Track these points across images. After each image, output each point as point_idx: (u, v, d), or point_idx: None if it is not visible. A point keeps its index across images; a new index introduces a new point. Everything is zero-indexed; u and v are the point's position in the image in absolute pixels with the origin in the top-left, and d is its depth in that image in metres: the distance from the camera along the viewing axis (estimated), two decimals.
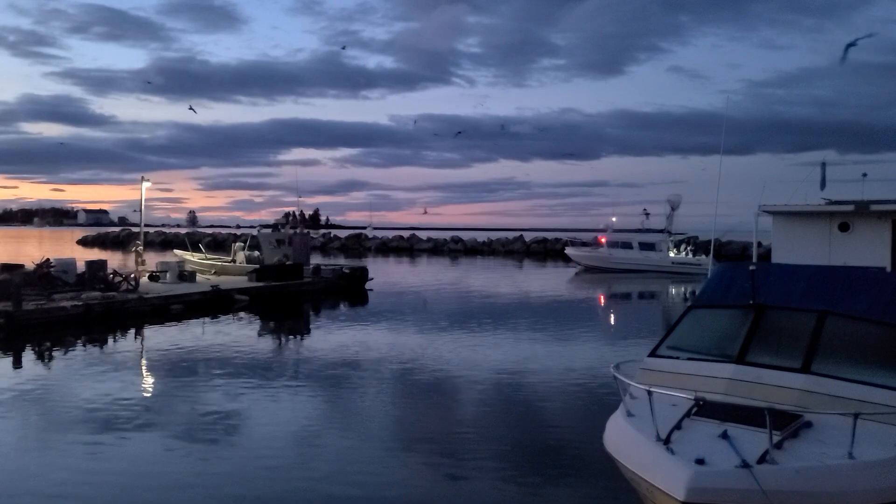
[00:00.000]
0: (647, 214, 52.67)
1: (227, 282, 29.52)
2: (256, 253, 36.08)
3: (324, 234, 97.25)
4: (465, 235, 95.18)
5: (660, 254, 46.58)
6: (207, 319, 22.85)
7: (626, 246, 47.78)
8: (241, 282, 29.84)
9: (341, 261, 52.95)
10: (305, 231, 39.18)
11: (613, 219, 54.01)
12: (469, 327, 21.66)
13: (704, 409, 5.77)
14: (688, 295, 33.94)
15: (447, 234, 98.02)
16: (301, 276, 31.47)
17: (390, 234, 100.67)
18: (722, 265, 8.39)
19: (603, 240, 50.43)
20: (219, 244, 78.18)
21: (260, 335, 20.35)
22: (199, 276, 30.74)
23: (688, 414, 5.74)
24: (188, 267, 32.19)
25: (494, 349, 17.50)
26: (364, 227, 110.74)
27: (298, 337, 20.56)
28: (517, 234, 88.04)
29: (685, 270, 44.71)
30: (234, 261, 36.10)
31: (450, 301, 29.68)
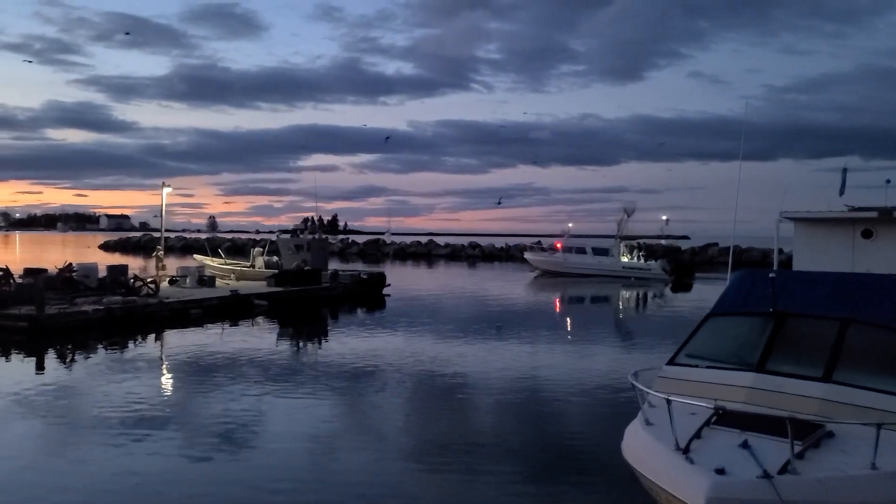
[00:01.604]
0: (667, 220, 53.43)
1: (246, 287, 29.54)
2: (275, 258, 36.09)
3: (342, 240, 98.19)
4: (482, 241, 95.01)
5: (611, 259, 47.85)
6: (226, 324, 22.94)
7: (581, 251, 49.32)
8: (260, 287, 29.84)
9: (359, 266, 52.15)
10: (324, 236, 39.42)
11: (570, 224, 57.82)
12: (486, 333, 21.59)
13: (724, 418, 5.71)
14: (640, 298, 35.71)
15: (465, 240, 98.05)
16: (319, 282, 31.52)
17: (408, 239, 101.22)
18: (742, 272, 8.31)
19: (559, 245, 51.80)
20: (238, 249, 77.78)
21: (278, 340, 20.39)
22: (218, 281, 30.84)
23: (707, 423, 5.68)
24: (208, 272, 32.27)
25: (510, 355, 17.54)
26: (382, 233, 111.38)
27: (316, 342, 20.56)
28: (535, 239, 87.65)
29: (635, 274, 46.36)
30: (253, 266, 36.16)
31: (467, 306, 29.76)
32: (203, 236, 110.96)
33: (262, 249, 37.46)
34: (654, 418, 6.11)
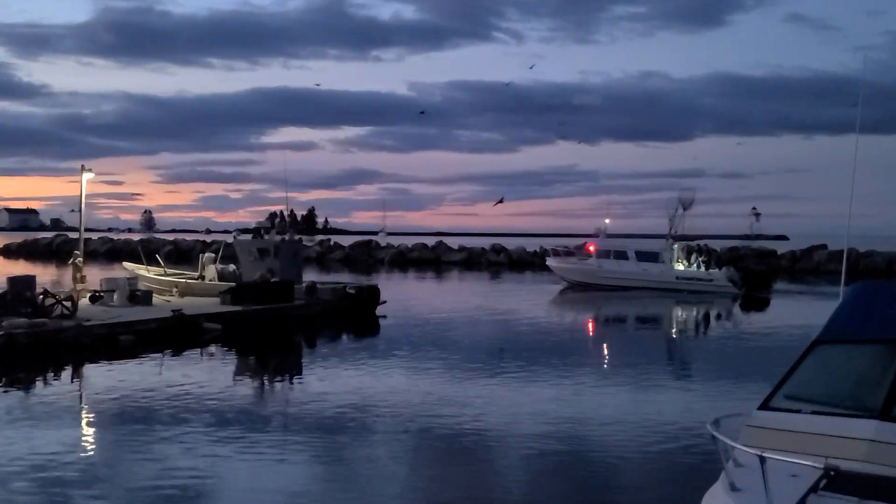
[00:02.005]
0: (758, 215, 54.01)
1: (193, 305, 29.91)
2: (232, 267, 36.44)
3: (321, 242, 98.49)
4: (509, 243, 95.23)
5: (661, 266, 48.63)
6: (167, 355, 23.38)
7: (621, 256, 50.13)
8: (212, 305, 30.24)
9: (345, 277, 53.47)
10: (297, 238, 39.53)
11: (607, 221, 57.27)
12: (513, 367, 21.95)
13: (837, 481, 5.72)
14: (700, 318, 36.73)
15: (486, 242, 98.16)
16: (291, 298, 31.68)
17: (410, 241, 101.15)
18: (859, 284, 8.29)
19: (591, 248, 52.58)
20: (183, 255, 79.55)
21: (236, 377, 20.72)
22: (156, 298, 31.16)
23: (814, 488, 5.69)
24: (142, 285, 32.61)
25: (543, 397, 17.81)
26: (375, 233, 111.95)
27: (286, 379, 21.05)
28: (580, 240, 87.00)
29: (692, 286, 47.13)
30: (202, 277, 36.42)
31: (486, 331, 30.46)
32: (136, 237, 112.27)
33: (214, 255, 38.06)
34: (741, 481, 6.14)
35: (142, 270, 37.98)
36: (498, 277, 64.86)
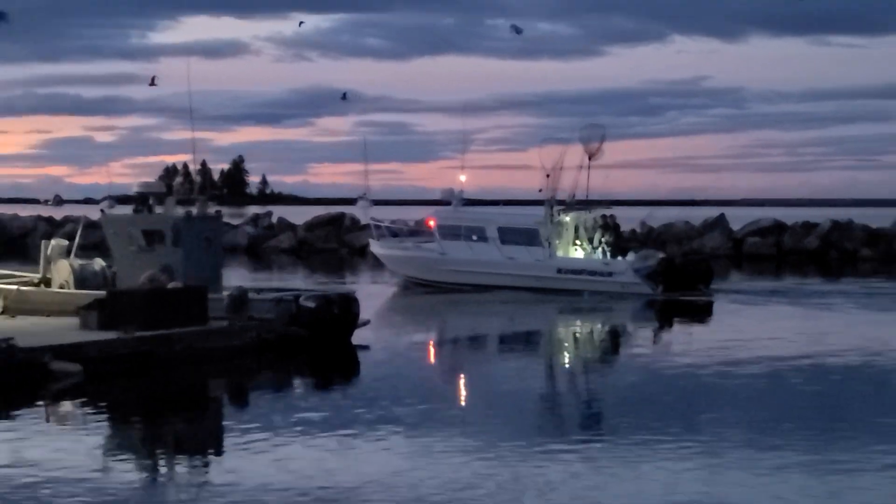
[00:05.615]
0: None
1: (31, 330, 23.19)
2: (100, 263, 28.20)
3: (257, 218, 77.12)
4: None
5: (539, 252, 38.63)
6: None
7: (475, 235, 39.89)
8: (65, 330, 23.36)
9: (297, 280, 44.46)
10: (214, 211, 30.75)
11: (462, 178, 45.79)
12: (596, 440, 16.81)
13: None
14: (611, 339, 30.35)
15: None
16: (204, 318, 24.06)
17: (410, 214, 75.54)
18: None
19: (432, 223, 42.22)
20: (11, 242, 65.11)
21: (106, 458, 15.70)
22: None
23: None
24: None
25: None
26: (351, 201, 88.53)
27: (194, 464, 15.78)
28: (715, 211, 68.76)
29: (583, 286, 37.17)
30: (46, 280, 28.31)
31: (571, 378, 24.46)
32: None
33: (67, 244, 29.05)
34: None
35: None
36: None
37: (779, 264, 58.09)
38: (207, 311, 24.09)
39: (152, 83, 56.25)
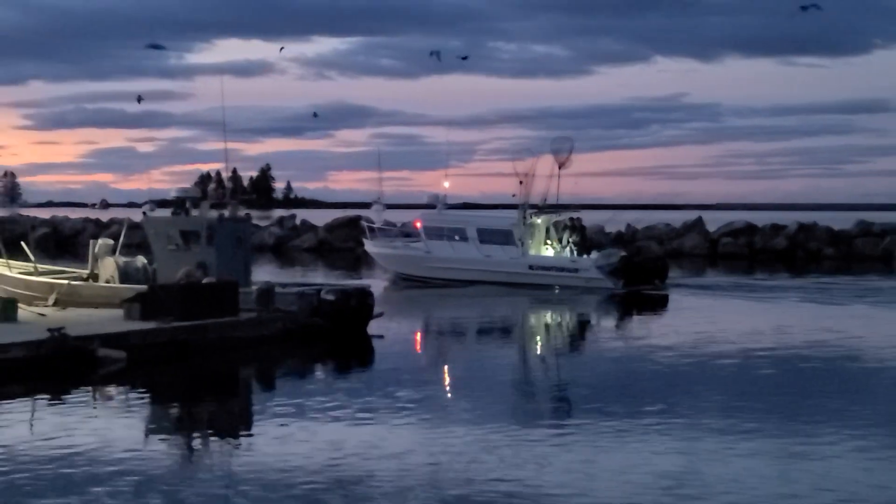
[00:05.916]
0: None
1: (81, 320, 24.30)
2: (142, 261, 29.87)
3: (282, 220, 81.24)
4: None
5: (512, 251, 41.65)
6: (41, 399, 19.41)
7: (456, 236, 43.18)
8: (111, 320, 24.58)
9: (317, 277, 46.75)
10: (244, 214, 32.36)
11: (446, 184, 48.32)
12: (601, 420, 17.35)
13: None
14: (573, 328, 32.57)
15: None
16: (235, 309, 25.52)
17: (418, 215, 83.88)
18: None
19: (418, 224, 45.55)
20: (64, 242, 69.09)
21: (149, 435, 16.88)
22: (21, 308, 25.56)
23: None
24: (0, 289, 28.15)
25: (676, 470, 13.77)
26: (366, 205, 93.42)
27: (227, 442, 16.81)
28: (693, 214, 73.00)
29: (551, 281, 40.22)
30: (94, 276, 29.93)
31: (554, 364, 25.48)
32: None
33: (112, 243, 31.14)
34: None
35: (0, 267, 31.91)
36: None
37: (750, 263, 60.98)
38: (238, 303, 25.68)
39: (139, 101, 58.87)
